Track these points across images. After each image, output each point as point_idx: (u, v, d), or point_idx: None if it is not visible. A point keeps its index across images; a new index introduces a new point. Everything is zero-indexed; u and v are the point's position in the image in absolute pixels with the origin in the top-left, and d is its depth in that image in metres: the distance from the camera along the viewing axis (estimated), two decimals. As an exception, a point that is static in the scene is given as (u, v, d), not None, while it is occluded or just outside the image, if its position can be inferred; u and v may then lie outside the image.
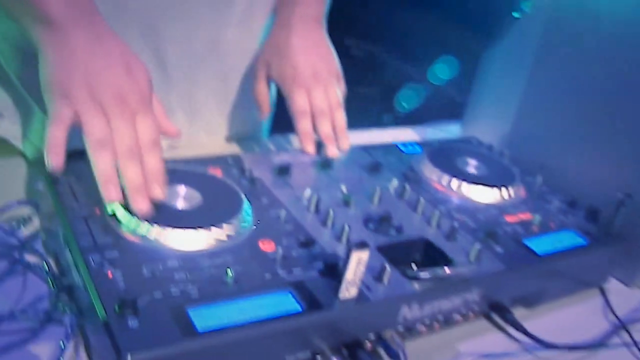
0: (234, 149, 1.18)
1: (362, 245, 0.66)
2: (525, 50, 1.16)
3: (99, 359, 0.64)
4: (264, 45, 1.07)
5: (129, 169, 0.74)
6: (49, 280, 0.75)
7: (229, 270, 0.67)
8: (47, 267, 0.76)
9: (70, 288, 0.71)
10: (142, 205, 0.73)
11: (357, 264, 0.66)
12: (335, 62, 1.07)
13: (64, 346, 0.65)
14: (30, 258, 0.78)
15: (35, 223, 0.83)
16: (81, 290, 0.66)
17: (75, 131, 0.74)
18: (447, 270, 0.76)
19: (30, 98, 0.99)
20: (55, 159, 0.71)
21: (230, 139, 1.21)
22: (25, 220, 0.82)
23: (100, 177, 0.72)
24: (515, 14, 1.15)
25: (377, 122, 1.38)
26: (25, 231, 0.82)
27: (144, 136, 0.76)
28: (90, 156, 0.73)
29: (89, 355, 0.67)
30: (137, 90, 0.76)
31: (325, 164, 0.97)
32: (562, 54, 1.11)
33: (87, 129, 0.73)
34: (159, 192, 0.75)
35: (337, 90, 1.05)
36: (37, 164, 0.95)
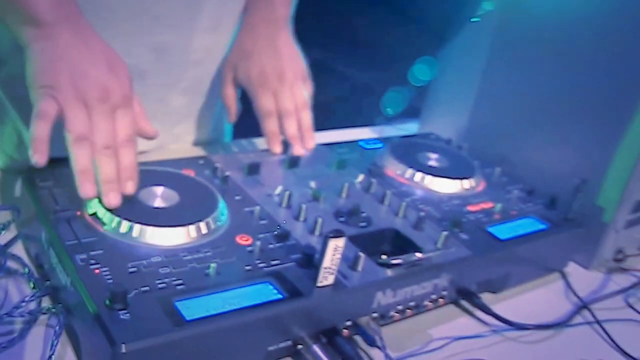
0: (200, 153, 1.20)
1: (338, 233, 0.69)
2: (478, 47, 1.21)
3: (89, 357, 0.66)
4: (232, 49, 1.09)
5: (104, 165, 0.76)
6: (32, 283, 0.76)
7: (211, 264, 0.70)
8: (28, 271, 0.78)
9: (54, 289, 0.73)
10: (113, 200, 0.76)
11: (334, 251, 0.69)
12: (302, 63, 1.09)
13: (54, 344, 0.66)
14: (11, 264, 0.79)
15: (12, 230, 0.84)
16: (68, 290, 0.68)
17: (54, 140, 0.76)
18: (417, 255, 0.80)
19: (12, 108, 1.00)
20: (39, 155, 0.72)
21: (196, 143, 1.22)
22: (4, 227, 0.83)
23: (78, 172, 0.75)
24: (474, 19, 1.19)
25: (336, 124, 1.41)
26: (2, 238, 0.83)
27: (121, 132, 0.79)
28: (70, 150, 0.75)
29: (77, 355, 0.69)
30: (120, 86, 0.79)
31: (292, 162, 1.00)
32: (514, 50, 1.15)
33: (70, 123, 0.75)
34: (131, 187, 0.79)
35: (303, 91, 1.07)
36: (14, 171, 0.97)
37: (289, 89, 1.05)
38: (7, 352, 0.67)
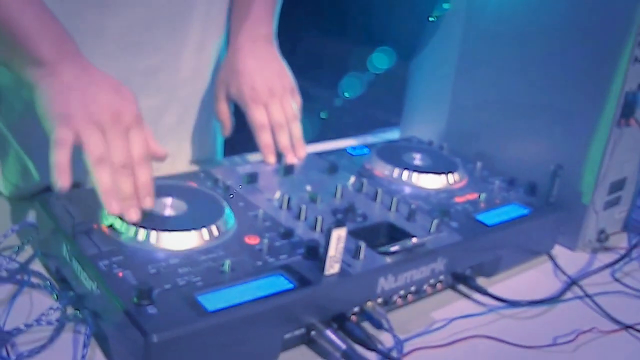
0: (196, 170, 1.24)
1: (339, 223, 0.75)
2: (448, 50, 1.27)
3: (120, 356, 0.71)
4: (222, 67, 1.15)
5: (123, 183, 0.81)
6: (55, 295, 0.81)
7: (226, 261, 0.75)
8: (49, 284, 0.82)
9: (79, 298, 0.78)
10: (134, 215, 0.81)
11: (337, 241, 0.75)
12: (289, 76, 1.15)
13: (86, 344, 0.71)
14: (33, 279, 0.84)
15: (28, 250, 0.89)
16: (94, 295, 0.72)
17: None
18: (412, 240, 0.86)
19: (13, 138, 1.05)
20: (62, 181, 0.77)
21: (190, 162, 1.27)
22: (19, 248, 0.88)
23: (102, 192, 0.79)
24: (431, 18, 1.25)
25: (321, 136, 1.47)
26: (20, 257, 0.87)
27: (136, 151, 0.83)
28: (92, 172, 0.79)
29: (108, 357, 0.73)
30: (129, 108, 0.84)
31: (287, 170, 1.06)
32: (482, 51, 1.22)
33: (88, 147, 0.79)
34: (149, 202, 0.83)
35: (293, 103, 1.13)
36: (20, 198, 1.02)
37: (279, 103, 1.11)
38: (37, 358, 0.71)
